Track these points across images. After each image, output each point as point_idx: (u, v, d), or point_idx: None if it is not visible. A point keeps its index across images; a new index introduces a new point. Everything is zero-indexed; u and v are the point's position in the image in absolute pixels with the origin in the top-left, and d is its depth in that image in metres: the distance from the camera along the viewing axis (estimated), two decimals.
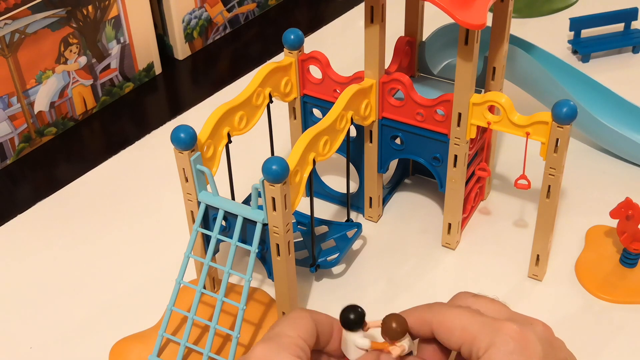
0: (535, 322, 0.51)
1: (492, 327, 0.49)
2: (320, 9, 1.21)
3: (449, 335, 0.51)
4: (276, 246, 0.64)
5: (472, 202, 0.79)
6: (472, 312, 0.51)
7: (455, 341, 0.51)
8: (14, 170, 0.92)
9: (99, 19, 0.96)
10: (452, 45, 0.83)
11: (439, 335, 0.52)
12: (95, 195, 0.87)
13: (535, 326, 0.50)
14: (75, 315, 0.74)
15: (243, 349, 0.69)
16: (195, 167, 0.64)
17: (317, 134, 0.65)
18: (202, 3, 1.08)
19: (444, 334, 0.51)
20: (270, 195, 0.61)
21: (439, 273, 0.76)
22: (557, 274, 0.75)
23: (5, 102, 0.89)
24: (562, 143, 0.65)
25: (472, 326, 0.50)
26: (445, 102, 0.69)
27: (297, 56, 0.74)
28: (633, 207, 0.72)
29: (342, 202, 0.83)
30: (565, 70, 0.87)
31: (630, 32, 1.05)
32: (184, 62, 1.10)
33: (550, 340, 0.50)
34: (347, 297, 0.74)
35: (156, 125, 0.97)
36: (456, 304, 0.52)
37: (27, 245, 0.82)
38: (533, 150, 0.68)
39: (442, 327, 0.51)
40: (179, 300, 0.67)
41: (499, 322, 0.50)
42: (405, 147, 0.75)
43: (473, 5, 0.61)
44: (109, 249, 0.80)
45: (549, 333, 0.51)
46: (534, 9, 1.14)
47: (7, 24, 0.86)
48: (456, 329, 0.50)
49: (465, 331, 0.50)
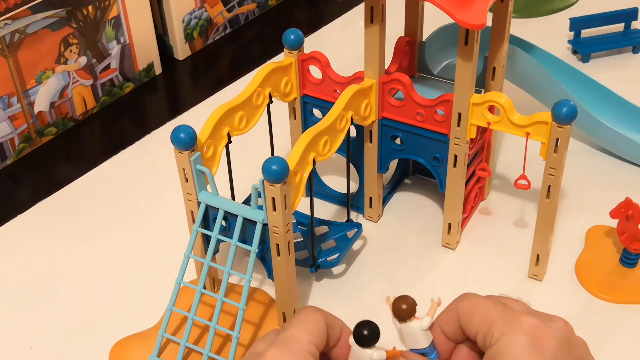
0: (555, 320, 0.51)
1: (510, 318, 0.50)
2: (320, 9, 1.21)
3: (470, 320, 0.52)
4: (276, 246, 0.64)
5: (472, 202, 0.79)
6: (496, 302, 0.51)
7: (474, 328, 0.51)
8: (14, 170, 0.92)
9: (99, 19, 0.96)
10: (452, 45, 0.83)
11: (462, 322, 0.52)
12: (95, 195, 0.88)
13: (555, 323, 0.50)
14: (75, 315, 0.74)
15: (243, 349, 0.69)
16: (195, 167, 0.64)
17: (317, 134, 0.65)
18: (202, 3, 1.08)
19: (466, 319, 0.52)
20: (270, 195, 0.61)
21: (439, 273, 0.76)
22: (557, 274, 0.75)
23: (5, 102, 0.89)
24: (562, 143, 0.65)
25: (491, 314, 0.50)
26: (445, 102, 0.69)
27: (297, 56, 0.74)
28: (633, 207, 0.72)
29: (342, 202, 0.83)
30: (565, 70, 0.87)
31: (630, 32, 1.05)
32: (184, 62, 1.10)
33: (568, 339, 0.50)
34: (347, 297, 0.74)
35: (156, 125, 0.97)
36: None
37: (27, 246, 0.82)
38: (533, 150, 0.68)
39: (465, 312, 0.52)
40: (179, 300, 0.67)
41: (518, 315, 0.50)
42: (405, 147, 0.75)
43: (473, 5, 0.61)
44: (109, 249, 0.80)
45: (569, 331, 0.51)
46: (534, 9, 1.14)
47: (7, 24, 0.86)
48: (477, 315, 0.51)
49: (485, 318, 0.51)
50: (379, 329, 0.52)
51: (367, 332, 0.52)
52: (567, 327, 0.51)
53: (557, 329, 0.50)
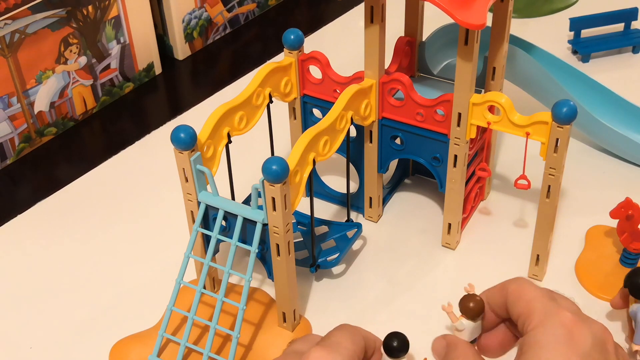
0: (596, 322, 0.51)
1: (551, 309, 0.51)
2: (320, 9, 1.21)
3: (516, 302, 0.53)
4: (276, 246, 0.64)
5: (472, 202, 0.79)
6: (544, 293, 0.52)
7: (517, 310, 0.53)
8: (14, 170, 0.92)
9: (99, 19, 0.96)
10: (452, 45, 0.83)
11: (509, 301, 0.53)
12: (95, 195, 0.88)
13: (594, 324, 0.51)
14: (75, 315, 0.74)
15: (243, 349, 0.69)
16: (195, 167, 0.64)
17: (317, 134, 0.65)
18: (202, 3, 1.08)
19: (513, 300, 0.53)
20: (270, 195, 0.61)
21: (439, 273, 0.76)
22: (557, 274, 0.75)
23: (5, 102, 0.89)
24: (562, 143, 0.65)
25: (536, 302, 0.51)
26: (445, 102, 0.69)
27: (297, 56, 0.74)
28: (633, 207, 0.72)
29: (342, 202, 0.83)
30: (565, 70, 0.87)
31: (630, 32, 1.05)
32: (184, 62, 1.10)
33: (604, 342, 0.50)
34: (347, 297, 0.74)
35: (156, 125, 0.97)
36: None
37: (27, 246, 0.82)
38: (533, 150, 0.68)
39: (514, 294, 0.53)
40: (179, 300, 0.67)
41: (559, 309, 0.51)
42: (405, 147, 0.75)
43: (473, 5, 0.61)
44: (108, 249, 0.80)
45: (606, 336, 0.51)
46: (534, 9, 1.14)
47: (7, 24, 0.86)
48: (523, 299, 0.52)
49: (529, 304, 0.52)
50: (408, 341, 0.54)
51: (397, 343, 0.54)
52: (606, 332, 0.51)
53: (595, 329, 0.51)
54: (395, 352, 0.54)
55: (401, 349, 0.54)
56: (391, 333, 0.54)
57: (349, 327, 0.54)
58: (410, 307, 0.72)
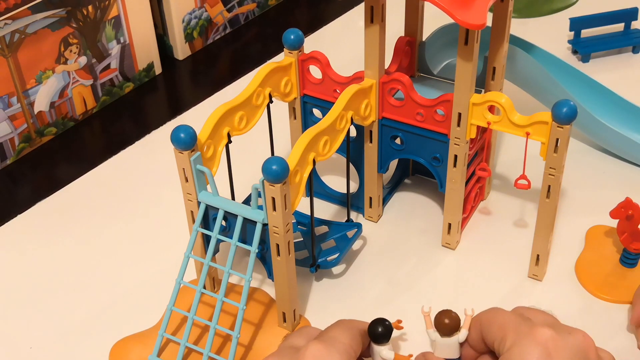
0: (574, 333, 0.51)
1: (525, 329, 0.51)
2: (320, 9, 1.21)
3: (489, 328, 0.54)
4: (276, 246, 0.64)
5: (472, 202, 0.79)
6: (516, 315, 0.53)
7: (492, 336, 0.53)
8: (14, 170, 0.92)
9: (99, 19, 0.96)
10: (452, 45, 0.83)
11: (483, 329, 0.55)
12: (95, 195, 0.88)
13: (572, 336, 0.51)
14: (75, 315, 0.74)
15: (243, 349, 0.69)
16: (195, 167, 0.64)
17: (317, 134, 0.65)
18: (202, 3, 1.08)
19: (486, 328, 0.54)
20: (270, 195, 0.61)
21: (439, 273, 0.76)
22: (557, 274, 0.75)
23: (5, 102, 0.89)
24: (562, 143, 0.65)
25: (508, 324, 0.52)
26: (445, 102, 0.69)
27: (297, 56, 0.74)
28: (633, 207, 0.72)
29: (342, 202, 0.83)
30: (565, 70, 0.87)
31: (630, 32, 1.05)
32: (184, 62, 1.10)
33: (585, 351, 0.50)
34: (347, 297, 0.74)
35: (156, 125, 0.97)
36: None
37: (27, 246, 0.82)
38: (533, 150, 0.68)
39: (486, 322, 0.54)
40: (179, 300, 0.67)
41: (533, 326, 0.51)
42: (405, 147, 0.75)
43: (473, 5, 0.61)
44: (109, 249, 0.80)
45: (587, 344, 0.51)
46: (534, 9, 1.14)
47: (7, 24, 0.86)
48: (495, 324, 0.53)
49: (501, 327, 0.52)
50: (391, 327, 0.56)
51: (382, 329, 0.56)
52: (586, 340, 0.51)
53: (573, 342, 0.50)
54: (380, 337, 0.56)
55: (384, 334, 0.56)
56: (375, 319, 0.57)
57: (346, 322, 0.55)
58: (410, 307, 0.72)
